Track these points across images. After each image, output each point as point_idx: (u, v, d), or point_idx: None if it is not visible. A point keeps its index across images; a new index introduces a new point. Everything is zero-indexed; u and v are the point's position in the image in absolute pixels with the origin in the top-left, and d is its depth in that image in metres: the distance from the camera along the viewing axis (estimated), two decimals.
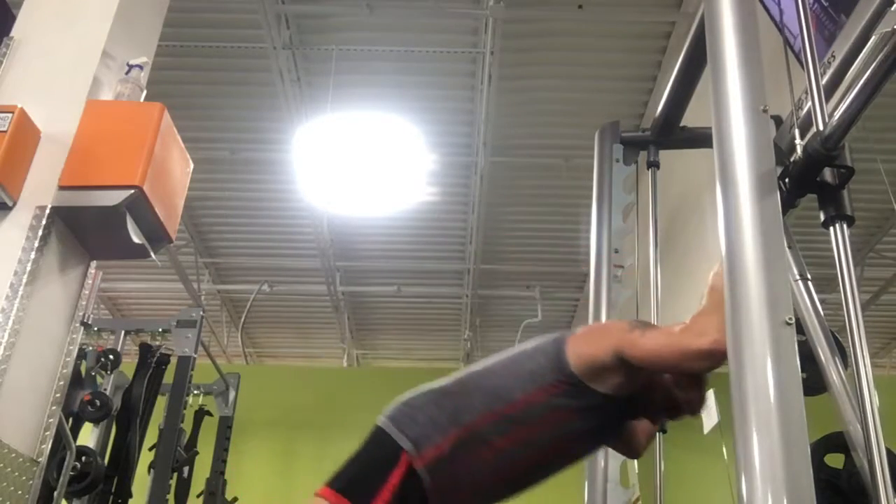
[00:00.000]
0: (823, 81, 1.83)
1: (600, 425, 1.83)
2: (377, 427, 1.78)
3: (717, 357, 1.68)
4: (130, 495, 4.12)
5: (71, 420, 3.96)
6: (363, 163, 5.08)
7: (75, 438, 3.97)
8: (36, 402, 2.29)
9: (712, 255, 1.79)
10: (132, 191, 2.35)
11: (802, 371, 1.43)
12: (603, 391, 1.77)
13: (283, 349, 9.05)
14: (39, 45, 2.62)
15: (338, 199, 5.65)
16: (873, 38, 1.77)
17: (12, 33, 2.65)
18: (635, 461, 2.74)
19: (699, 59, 2.51)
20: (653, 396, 1.85)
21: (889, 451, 1.45)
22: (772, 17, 2.42)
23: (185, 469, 4.97)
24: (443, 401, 1.80)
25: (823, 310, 1.99)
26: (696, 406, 1.84)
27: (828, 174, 1.68)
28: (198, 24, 4.69)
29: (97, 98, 2.55)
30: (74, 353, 2.50)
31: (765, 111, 1.68)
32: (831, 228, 1.65)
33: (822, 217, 1.68)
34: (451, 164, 5.78)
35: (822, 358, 1.89)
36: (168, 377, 4.55)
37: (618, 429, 1.95)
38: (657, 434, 2.62)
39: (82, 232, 2.45)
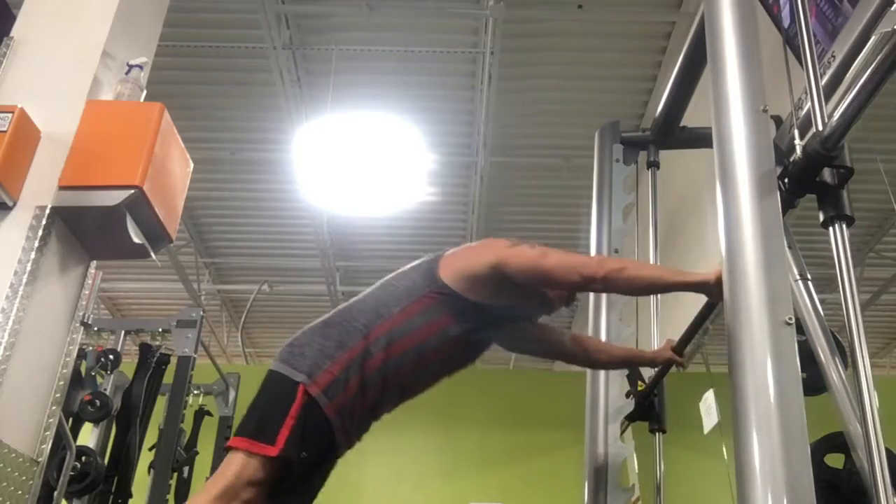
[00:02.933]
0: (823, 81, 1.83)
1: (476, 329, 2.01)
2: (271, 371, 1.92)
3: (593, 280, 1.98)
4: (130, 495, 4.12)
5: (71, 420, 3.96)
6: (363, 163, 5.07)
7: (75, 438, 3.97)
8: (36, 402, 2.29)
9: (712, 255, 1.79)
10: (132, 191, 2.35)
11: (802, 371, 1.44)
12: (476, 300, 1.95)
13: None
14: (39, 45, 2.62)
15: (338, 199, 5.64)
16: (873, 38, 1.77)
17: (12, 33, 2.65)
18: (635, 461, 2.75)
19: (699, 59, 2.51)
20: (528, 302, 2.07)
21: (889, 451, 1.45)
22: (772, 17, 2.42)
23: (185, 469, 4.97)
24: (328, 331, 1.96)
25: (823, 310, 1.99)
26: (565, 298, 2.12)
27: (827, 174, 1.68)
28: (198, 24, 4.69)
29: (97, 98, 2.55)
30: (74, 353, 2.50)
31: (765, 111, 1.68)
32: (831, 228, 1.65)
33: (821, 217, 1.68)
34: (451, 164, 5.78)
35: (822, 358, 1.89)
36: (168, 377, 4.55)
37: (499, 332, 2.12)
38: (657, 434, 2.63)
39: (82, 232, 2.45)
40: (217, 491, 1.75)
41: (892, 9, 1.72)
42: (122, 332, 4.72)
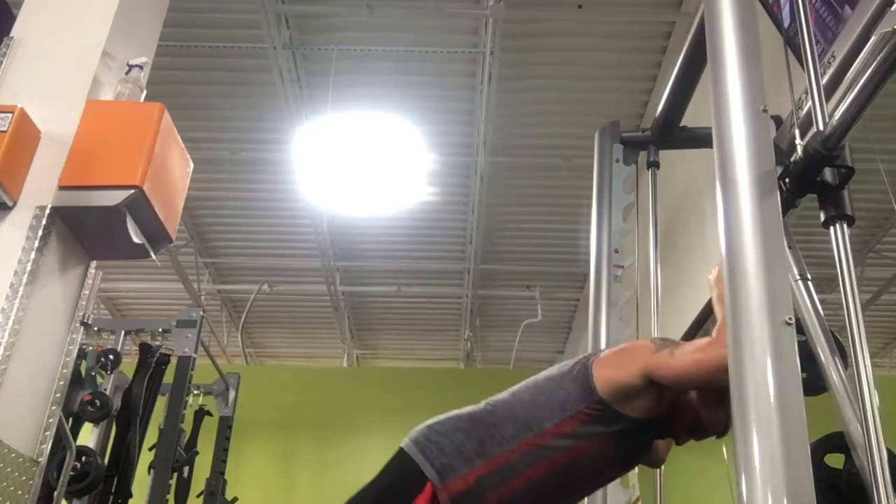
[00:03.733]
0: (823, 81, 1.83)
1: (630, 448, 1.82)
2: (401, 450, 1.76)
3: None
4: (130, 495, 4.12)
5: (71, 420, 3.96)
6: (363, 163, 5.07)
7: (75, 438, 3.97)
8: (36, 402, 2.29)
9: (712, 255, 1.79)
10: (132, 191, 2.35)
11: (802, 371, 1.43)
12: (633, 415, 1.75)
13: (283, 349, 9.05)
14: (39, 45, 2.62)
15: (338, 199, 5.64)
16: (873, 38, 1.77)
17: (12, 33, 2.65)
18: None
19: (699, 59, 2.51)
20: (679, 417, 1.83)
21: (889, 451, 1.45)
22: (772, 17, 2.42)
23: (185, 469, 4.98)
24: (471, 429, 1.76)
25: (823, 310, 1.99)
26: (722, 426, 1.81)
27: (828, 174, 1.68)
28: (198, 24, 4.69)
29: (97, 98, 2.55)
30: (74, 353, 2.50)
31: (765, 111, 1.68)
32: (831, 228, 1.65)
33: (822, 217, 1.68)
34: (451, 164, 5.78)
35: (822, 358, 1.89)
36: (168, 377, 4.55)
37: (647, 449, 1.92)
38: None
39: (82, 232, 2.45)
40: None
41: (892, 9, 1.72)
42: (122, 332, 4.73)
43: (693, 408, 1.83)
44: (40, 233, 2.28)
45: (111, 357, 4.38)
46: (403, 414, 2.13)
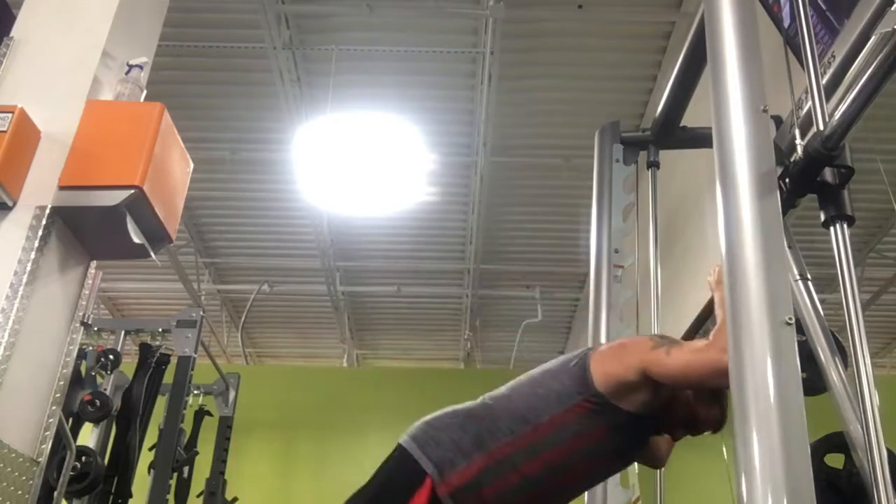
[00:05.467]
0: (823, 81, 1.83)
1: (626, 443, 1.84)
2: (400, 446, 1.77)
3: None
4: (130, 495, 4.11)
5: (71, 420, 3.96)
6: (363, 163, 5.07)
7: (75, 438, 3.97)
8: (36, 402, 2.29)
9: (712, 255, 1.79)
10: (132, 191, 2.35)
11: (802, 371, 1.43)
12: (629, 409, 1.77)
13: (283, 349, 9.05)
14: (39, 45, 2.62)
15: (338, 199, 5.64)
16: (873, 38, 1.77)
17: (12, 33, 2.64)
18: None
19: (699, 59, 2.51)
20: (675, 413, 1.85)
21: (889, 451, 1.45)
22: (772, 17, 2.42)
23: (185, 469, 4.97)
24: (468, 424, 1.78)
25: (823, 310, 1.99)
26: (717, 422, 1.86)
27: (828, 174, 1.68)
28: (198, 24, 4.69)
29: (97, 98, 2.55)
30: (74, 353, 2.50)
31: (765, 111, 1.68)
32: (831, 228, 1.65)
33: (822, 217, 1.68)
34: (451, 164, 5.78)
35: (822, 358, 1.89)
36: (168, 377, 4.55)
37: (643, 445, 1.94)
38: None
39: (82, 232, 2.45)
40: None
41: (892, 9, 1.72)
42: (122, 332, 4.72)
43: (689, 404, 1.85)
44: (40, 233, 2.28)
45: (111, 357, 4.37)
46: (403, 414, 2.13)
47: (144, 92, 2.67)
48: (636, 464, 2.74)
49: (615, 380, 1.78)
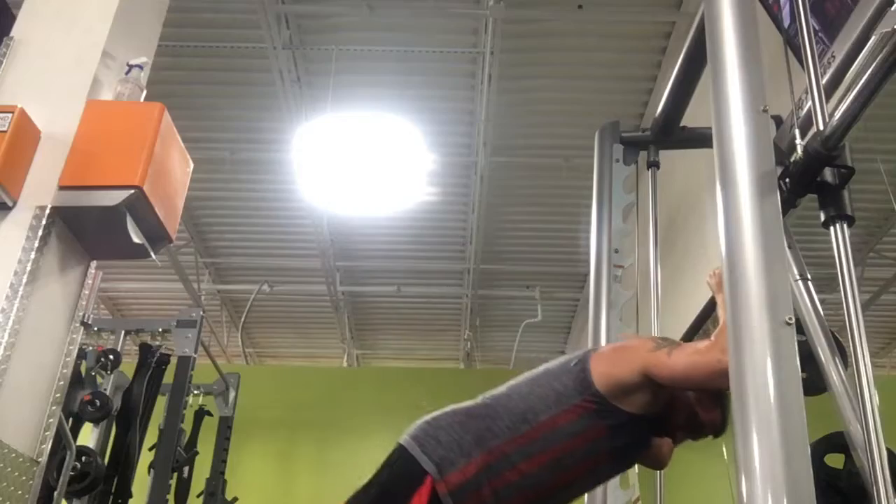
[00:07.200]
0: (823, 81, 1.83)
1: (626, 444, 1.83)
2: (400, 445, 1.77)
3: None
4: (130, 495, 4.11)
5: (71, 420, 3.96)
6: (363, 163, 5.07)
7: (75, 438, 3.96)
8: (36, 402, 2.29)
9: (712, 255, 1.79)
10: (132, 191, 2.35)
11: (802, 371, 1.43)
12: (629, 410, 1.77)
13: (284, 349, 9.05)
14: (39, 45, 2.62)
15: (338, 199, 5.64)
16: (873, 38, 1.77)
17: (12, 33, 2.64)
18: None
19: (699, 59, 2.51)
20: (676, 416, 1.85)
21: (889, 451, 1.45)
22: (772, 17, 2.42)
23: (185, 469, 4.97)
24: (468, 422, 1.78)
25: (823, 310, 1.99)
26: (718, 426, 1.85)
27: (828, 174, 1.68)
28: (198, 24, 4.69)
29: (97, 98, 2.55)
30: (74, 353, 2.50)
31: (765, 111, 1.68)
32: (831, 228, 1.65)
33: (822, 217, 1.68)
34: (451, 164, 5.78)
35: (822, 358, 1.89)
36: (168, 377, 4.55)
37: (644, 447, 1.93)
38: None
39: (82, 232, 2.45)
40: None
41: (892, 9, 1.72)
42: (122, 332, 4.72)
43: (690, 406, 1.85)
44: (40, 233, 2.28)
45: (111, 357, 4.37)
46: (403, 414, 2.13)
47: (144, 92, 2.67)
48: (636, 465, 2.74)
49: (615, 381, 1.78)
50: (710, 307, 2.19)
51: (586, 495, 2.57)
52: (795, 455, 1.31)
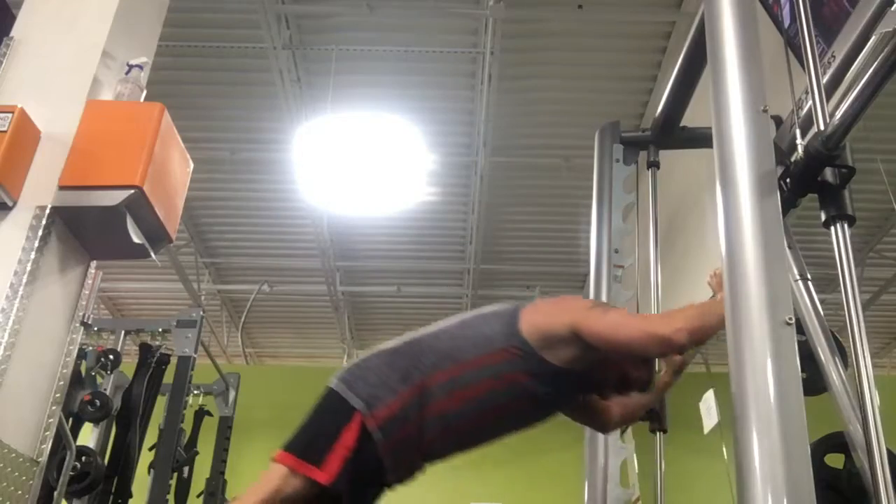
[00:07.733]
0: (824, 81, 1.83)
1: (548, 392, 1.88)
2: (329, 388, 1.84)
3: (671, 344, 1.77)
4: (130, 495, 4.12)
5: (71, 420, 3.96)
6: (363, 163, 5.07)
7: (75, 438, 3.97)
8: (36, 402, 2.29)
9: (712, 255, 1.79)
10: (132, 191, 2.35)
11: (802, 371, 1.43)
12: (553, 362, 1.83)
13: (283, 349, 9.05)
14: (39, 45, 2.62)
15: (338, 199, 5.64)
16: (873, 38, 1.77)
17: (12, 33, 2.65)
18: (635, 461, 2.74)
19: (699, 59, 2.51)
20: (605, 372, 1.91)
21: (889, 451, 1.45)
22: (772, 17, 2.42)
23: (185, 469, 4.98)
24: (394, 360, 1.87)
25: (823, 310, 1.99)
26: (644, 383, 1.95)
27: (829, 174, 1.68)
28: (198, 24, 4.69)
29: (97, 98, 2.55)
30: (74, 353, 2.50)
31: (765, 111, 1.68)
32: (832, 228, 1.65)
33: (822, 217, 1.68)
34: (451, 164, 5.78)
35: (822, 358, 1.89)
36: (168, 377, 4.55)
37: (571, 399, 2.00)
38: (658, 434, 2.63)
39: (82, 232, 2.45)
40: (254, 501, 1.75)
41: (892, 9, 1.72)
42: (122, 332, 4.73)
43: (620, 364, 1.91)
44: (40, 233, 2.28)
45: (111, 357, 4.38)
46: None
47: (144, 92, 2.68)
48: (636, 464, 2.74)
49: (543, 331, 1.83)
50: None
51: (586, 493, 2.58)
52: (795, 455, 1.31)
